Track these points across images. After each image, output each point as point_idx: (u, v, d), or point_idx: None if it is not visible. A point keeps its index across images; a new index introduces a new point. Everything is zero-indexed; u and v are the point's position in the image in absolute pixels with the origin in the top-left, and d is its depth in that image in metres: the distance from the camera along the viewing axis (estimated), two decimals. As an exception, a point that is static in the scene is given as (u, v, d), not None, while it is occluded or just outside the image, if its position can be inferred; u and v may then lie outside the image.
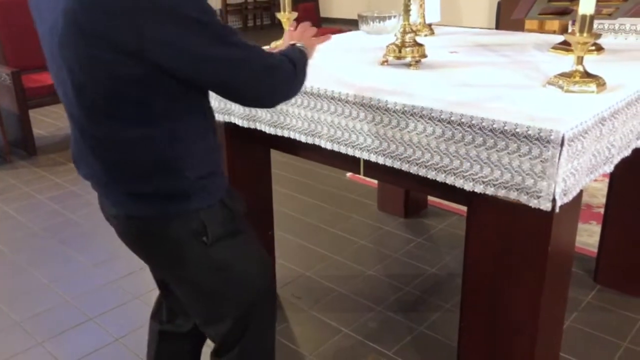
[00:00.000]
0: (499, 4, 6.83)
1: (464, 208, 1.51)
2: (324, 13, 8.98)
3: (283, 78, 1.27)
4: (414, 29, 1.98)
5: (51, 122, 5.08)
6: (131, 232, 1.32)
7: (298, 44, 1.45)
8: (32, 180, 3.84)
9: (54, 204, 3.48)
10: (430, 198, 3.27)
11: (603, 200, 2.43)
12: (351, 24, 8.91)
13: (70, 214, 3.33)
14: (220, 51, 1.12)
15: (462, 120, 1.36)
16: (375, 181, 3.32)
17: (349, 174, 3.69)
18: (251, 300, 1.42)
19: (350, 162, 1.72)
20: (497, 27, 6.76)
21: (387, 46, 1.84)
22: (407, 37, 1.80)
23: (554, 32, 2.84)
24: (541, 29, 4.43)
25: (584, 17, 1.44)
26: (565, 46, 1.99)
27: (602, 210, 2.44)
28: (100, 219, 1.44)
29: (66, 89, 1.19)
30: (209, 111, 1.30)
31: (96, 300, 2.50)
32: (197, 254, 1.30)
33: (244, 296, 1.40)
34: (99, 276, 2.69)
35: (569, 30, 2.22)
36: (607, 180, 2.38)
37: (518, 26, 3.27)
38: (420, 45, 1.82)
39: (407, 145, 1.49)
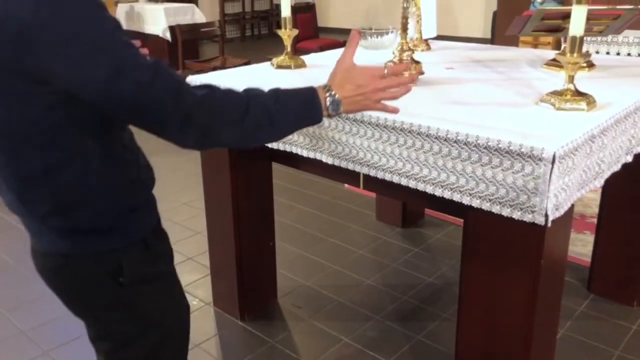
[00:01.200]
0: (494, 13, 6.92)
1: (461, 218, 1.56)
2: (321, 23, 9.05)
3: (202, 120, 1.07)
4: (411, 45, 2.04)
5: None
6: (47, 267, 1.24)
7: (324, 89, 1.25)
8: (34, 191, 3.87)
9: (56, 214, 3.51)
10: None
11: (597, 210, 2.48)
12: (347, 34, 8.93)
13: (73, 224, 3.35)
14: (116, 79, 1.01)
15: (459, 137, 1.42)
16: (373, 191, 3.37)
17: (347, 184, 3.74)
18: (158, 354, 1.33)
19: (350, 176, 1.78)
20: (493, 36, 6.84)
21: (385, 64, 1.90)
22: (405, 55, 1.86)
23: (548, 44, 2.89)
24: (536, 41, 4.51)
25: (574, 38, 1.50)
26: (557, 62, 2.05)
27: (596, 220, 2.49)
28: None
29: None
30: (130, 144, 1.21)
31: (100, 310, 2.53)
32: (111, 295, 1.22)
33: (150, 347, 1.31)
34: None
35: (563, 44, 2.28)
36: (601, 190, 2.44)
37: (513, 37, 3.33)
38: (418, 62, 1.88)
39: (406, 160, 1.55)
